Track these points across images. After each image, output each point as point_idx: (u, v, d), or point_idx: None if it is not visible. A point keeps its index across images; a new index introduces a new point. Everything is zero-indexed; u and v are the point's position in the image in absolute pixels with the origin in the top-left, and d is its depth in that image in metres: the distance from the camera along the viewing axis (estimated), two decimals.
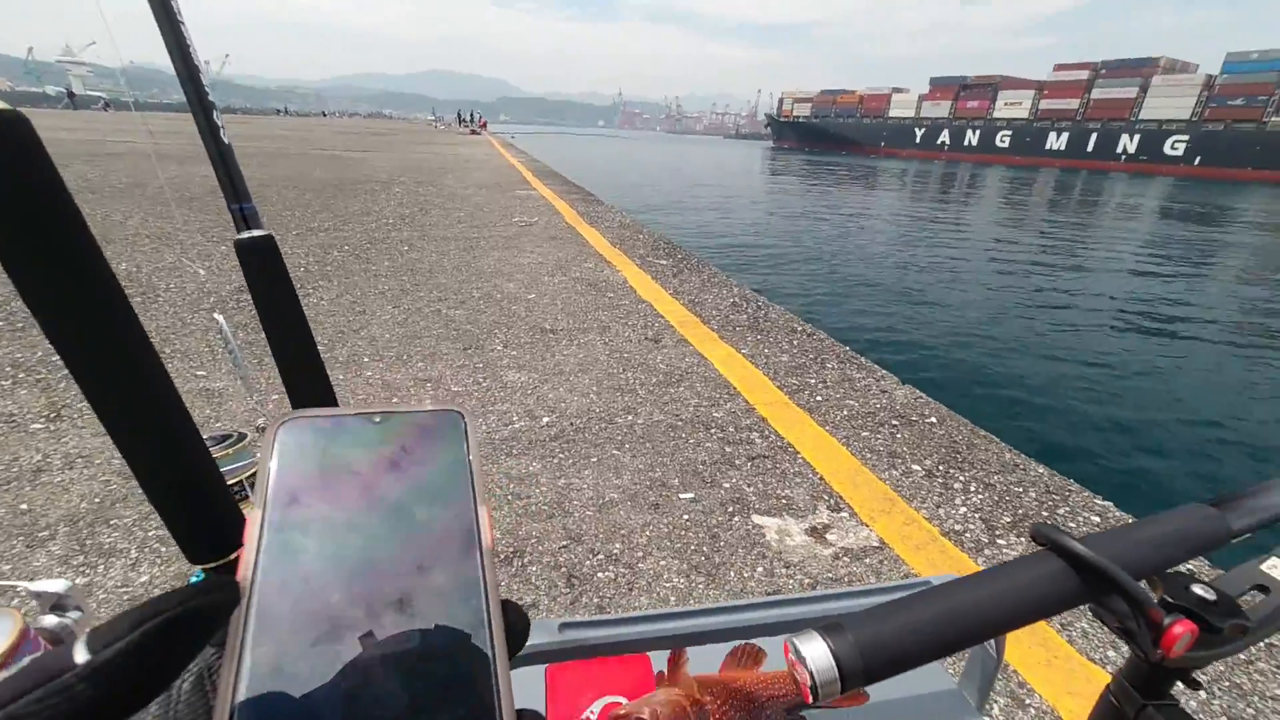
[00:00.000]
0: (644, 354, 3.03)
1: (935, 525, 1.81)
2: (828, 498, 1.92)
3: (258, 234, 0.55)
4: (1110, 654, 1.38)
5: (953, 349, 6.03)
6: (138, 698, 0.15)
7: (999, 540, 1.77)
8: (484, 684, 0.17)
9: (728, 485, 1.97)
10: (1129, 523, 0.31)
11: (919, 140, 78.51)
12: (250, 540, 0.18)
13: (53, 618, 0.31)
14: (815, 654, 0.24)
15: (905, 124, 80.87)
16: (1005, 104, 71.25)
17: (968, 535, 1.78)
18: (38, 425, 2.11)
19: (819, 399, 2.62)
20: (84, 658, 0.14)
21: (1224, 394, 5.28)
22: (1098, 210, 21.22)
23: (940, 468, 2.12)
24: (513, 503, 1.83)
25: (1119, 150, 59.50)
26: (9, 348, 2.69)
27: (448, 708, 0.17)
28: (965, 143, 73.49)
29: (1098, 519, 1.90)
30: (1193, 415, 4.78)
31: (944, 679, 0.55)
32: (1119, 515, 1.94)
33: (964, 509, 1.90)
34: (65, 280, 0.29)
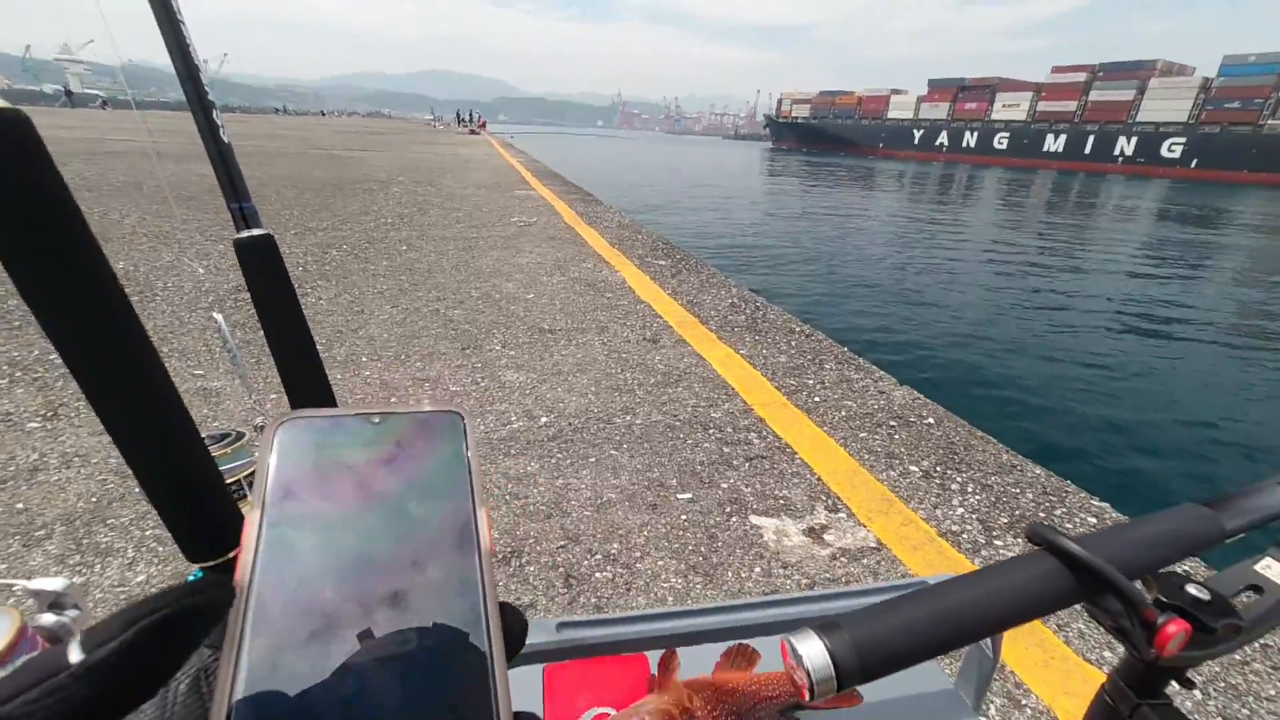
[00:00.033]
0: (642, 354, 3.03)
1: (933, 526, 1.81)
2: (825, 498, 1.92)
3: (257, 233, 0.55)
4: (1106, 654, 1.38)
5: (951, 350, 6.04)
6: (133, 697, 0.15)
7: (996, 541, 1.77)
8: (481, 686, 0.17)
9: (726, 485, 1.97)
10: (1123, 522, 0.31)
11: (917, 142, 78.62)
12: (248, 541, 0.18)
13: (51, 615, 0.31)
14: (812, 652, 0.24)
15: (904, 125, 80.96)
16: (1003, 106, 71.39)
17: (965, 536, 1.78)
18: (34, 424, 2.10)
19: (817, 399, 2.62)
20: (78, 657, 0.14)
21: (1219, 395, 5.30)
22: (1095, 212, 21.27)
23: (938, 468, 2.13)
24: (511, 502, 1.83)
25: (1116, 152, 59.64)
26: (5, 346, 2.69)
27: (445, 710, 0.17)
28: (963, 144, 73.61)
29: (1094, 520, 1.90)
30: (1189, 416, 4.80)
31: (940, 679, 0.56)
32: (1116, 516, 1.95)
33: (961, 510, 1.90)
34: (66, 279, 0.29)
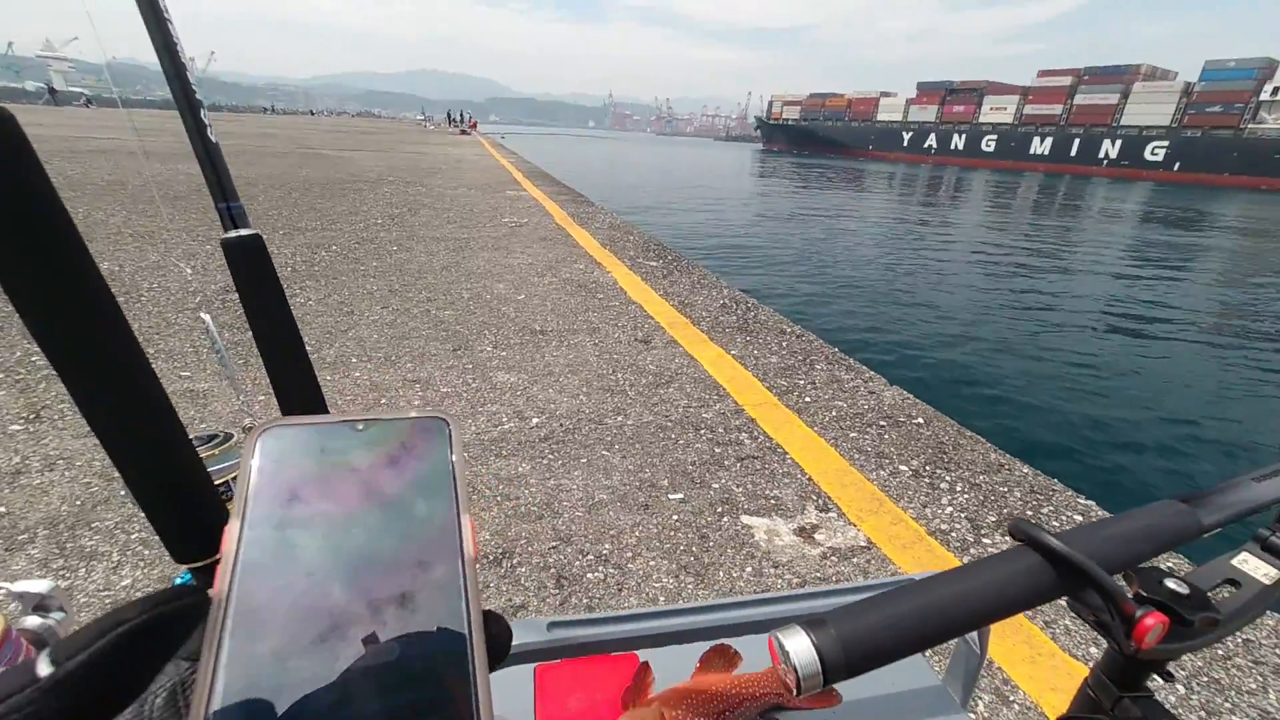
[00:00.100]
0: (634, 355, 3.03)
1: (922, 525, 1.83)
2: (816, 498, 1.93)
3: (245, 233, 0.54)
4: (1092, 650, 1.40)
5: (940, 349, 6.09)
6: (106, 709, 0.15)
7: (984, 539, 1.79)
8: (463, 696, 0.17)
9: (717, 486, 1.97)
10: (1104, 518, 0.32)
11: (906, 144, 79.32)
12: (227, 551, 0.18)
13: (35, 618, 0.31)
14: (798, 648, 0.25)
15: (893, 127, 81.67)
16: (990, 109, 72.22)
17: (954, 534, 1.80)
18: (16, 426, 2.07)
19: (808, 400, 2.63)
20: (48, 670, 0.14)
21: (1200, 393, 5.39)
22: (1081, 214, 21.54)
23: (927, 468, 2.15)
24: (502, 504, 1.83)
25: (1101, 155, 60.50)
26: None
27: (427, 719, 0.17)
28: (952, 146, 74.36)
29: (1080, 518, 1.93)
30: (1171, 414, 4.88)
31: (929, 675, 0.56)
32: (1101, 514, 1.97)
33: (950, 508, 1.92)
34: (51, 279, 0.29)
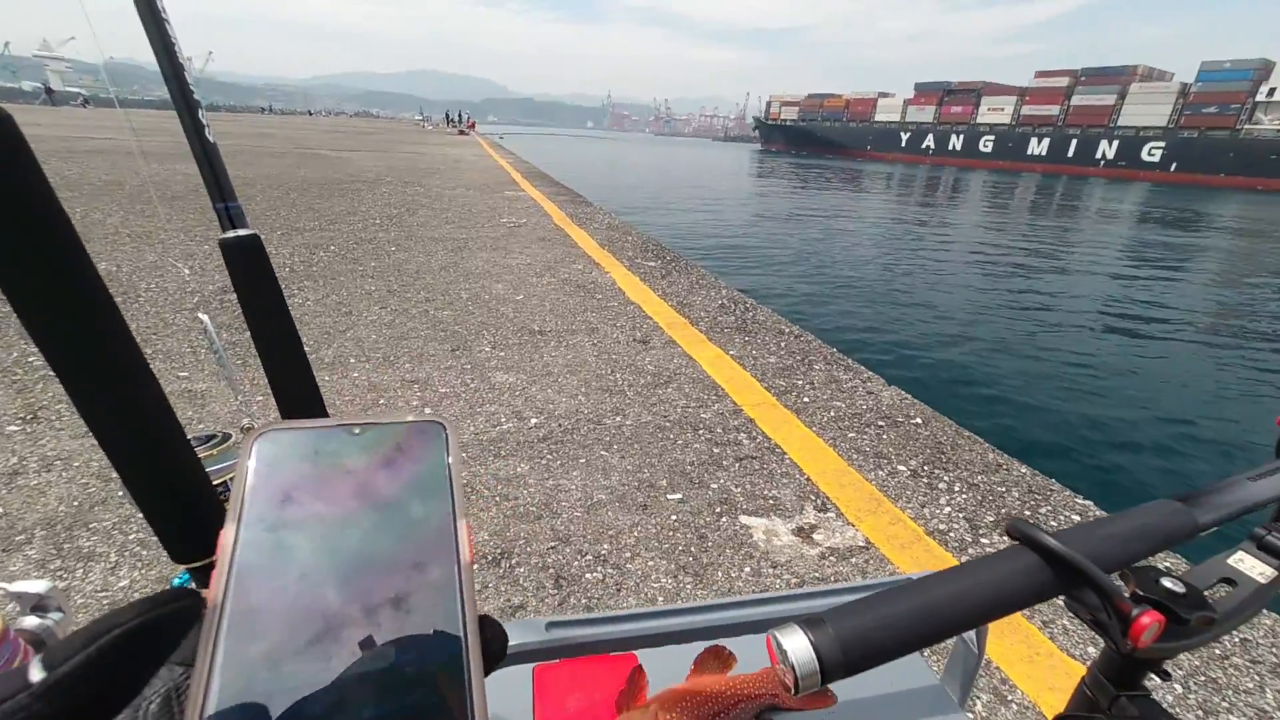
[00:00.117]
0: (632, 355, 3.04)
1: (920, 525, 1.83)
2: (815, 498, 1.93)
3: (243, 233, 0.54)
4: (1090, 650, 1.40)
5: (938, 349, 6.10)
6: (99, 714, 0.15)
7: (983, 539, 1.79)
8: (458, 701, 0.17)
9: (715, 486, 1.97)
10: (1100, 518, 0.32)
11: (904, 144, 79.43)
12: (222, 556, 0.18)
13: (33, 619, 0.31)
14: (796, 647, 0.25)
15: (891, 128, 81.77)
16: (988, 109, 72.37)
17: (952, 534, 1.80)
18: (13, 427, 2.06)
19: (806, 400, 2.64)
20: (39, 675, 0.14)
21: (1197, 393, 5.40)
22: (1078, 215, 21.59)
23: (925, 468, 2.15)
24: (500, 504, 1.82)
25: (1098, 156, 60.65)
26: None
27: None
28: (950, 147, 74.48)
29: (1078, 517, 1.93)
30: (1168, 414, 4.89)
31: (927, 675, 0.56)
32: (1099, 513, 1.98)
33: (948, 508, 1.93)
34: (49, 279, 0.29)
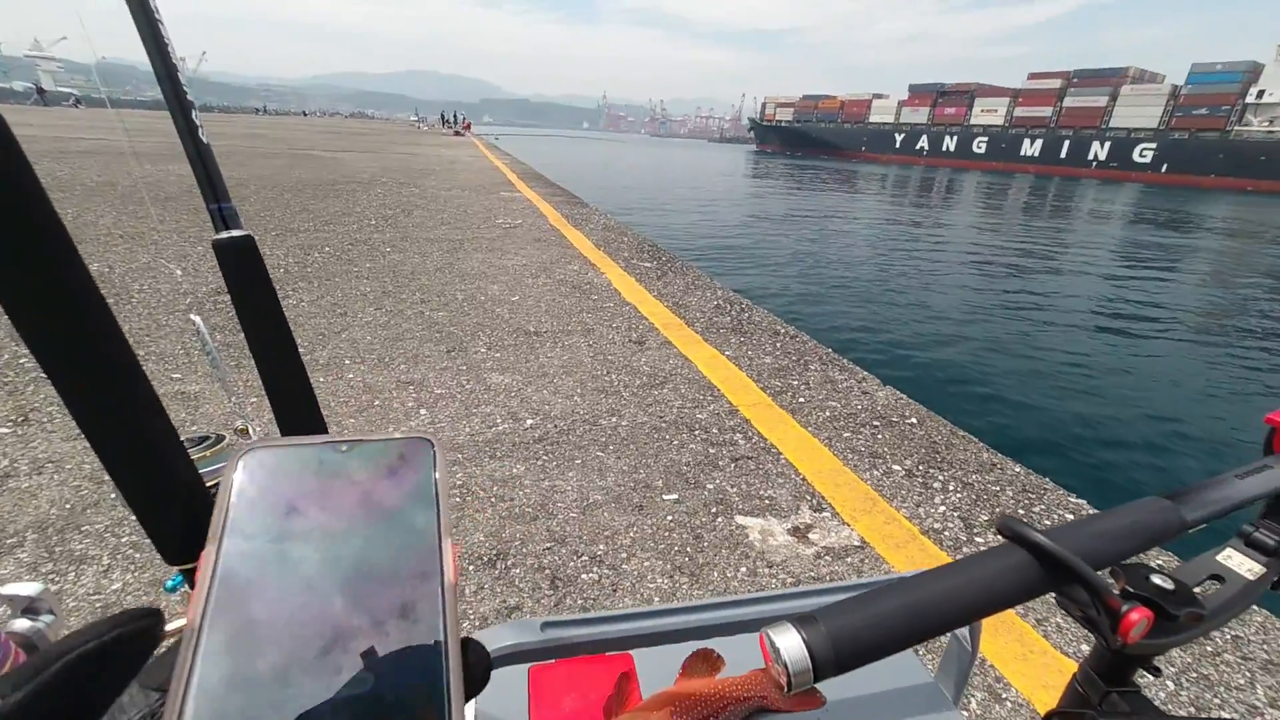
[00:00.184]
0: (628, 356, 3.04)
1: (915, 524, 1.84)
2: (810, 498, 1.94)
3: (237, 234, 0.54)
4: (1083, 648, 1.41)
5: (932, 349, 6.13)
6: None
7: (977, 538, 1.80)
8: None
9: (711, 486, 1.98)
10: (1090, 515, 0.32)
11: (899, 145, 79.76)
12: (202, 578, 0.18)
13: (24, 621, 0.31)
14: (789, 645, 0.25)
15: (885, 129, 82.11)
16: (981, 111, 72.76)
17: (947, 533, 1.81)
18: (4, 430, 2.04)
19: (802, 400, 2.64)
20: None
21: (1189, 392, 5.45)
22: (1071, 215, 21.73)
23: (920, 467, 2.16)
24: (496, 505, 1.82)
25: (1090, 157, 61.05)
26: None
27: None
28: (943, 148, 74.84)
29: (1071, 516, 1.94)
30: (1160, 412, 4.93)
31: (921, 673, 0.56)
32: (1091, 512, 1.99)
33: (943, 508, 1.93)
34: (40, 280, 0.29)
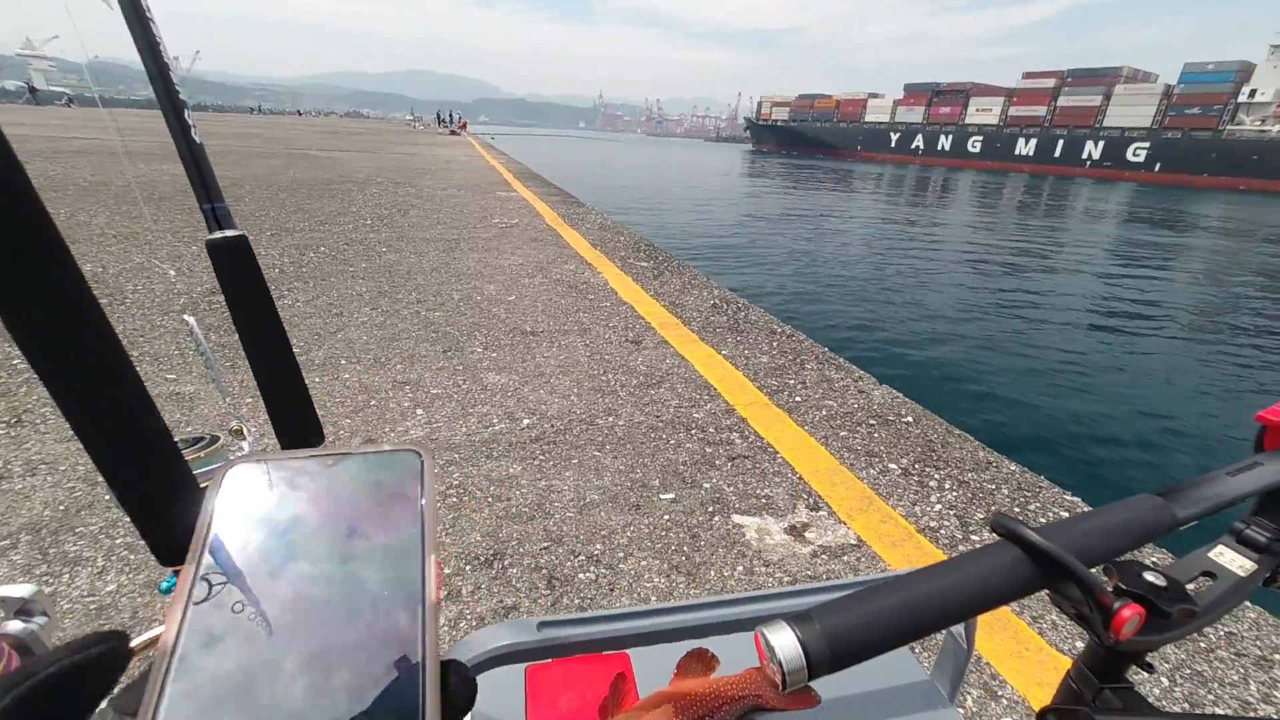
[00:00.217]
0: (625, 356, 3.04)
1: (911, 522, 1.85)
2: (807, 497, 1.94)
3: (231, 234, 0.54)
4: (1078, 644, 1.42)
5: (928, 348, 6.15)
6: None
7: (973, 536, 1.81)
8: None
9: (708, 485, 1.98)
10: (1083, 512, 0.33)
11: (894, 145, 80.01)
12: (178, 599, 0.17)
13: (17, 623, 0.30)
14: (783, 643, 0.25)
15: (880, 128, 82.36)
16: (976, 110, 73.05)
17: (943, 531, 1.81)
18: None
19: (798, 399, 2.65)
20: None
21: (1182, 390, 5.49)
22: (1065, 214, 21.83)
23: (916, 466, 2.16)
24: (493, 505, 1.82)
25: (1084, 156, 61.37)
26: None
27: None
28: (939, 147, 75.10)
29: (1066, 514, 1.95)
30: (1154, 410, 4.96)
31: (917, 671, 0.57)
32: (1086, 510, 2.00)
33: (939, 506, 1.94)
34: (32, 281, 0.29)
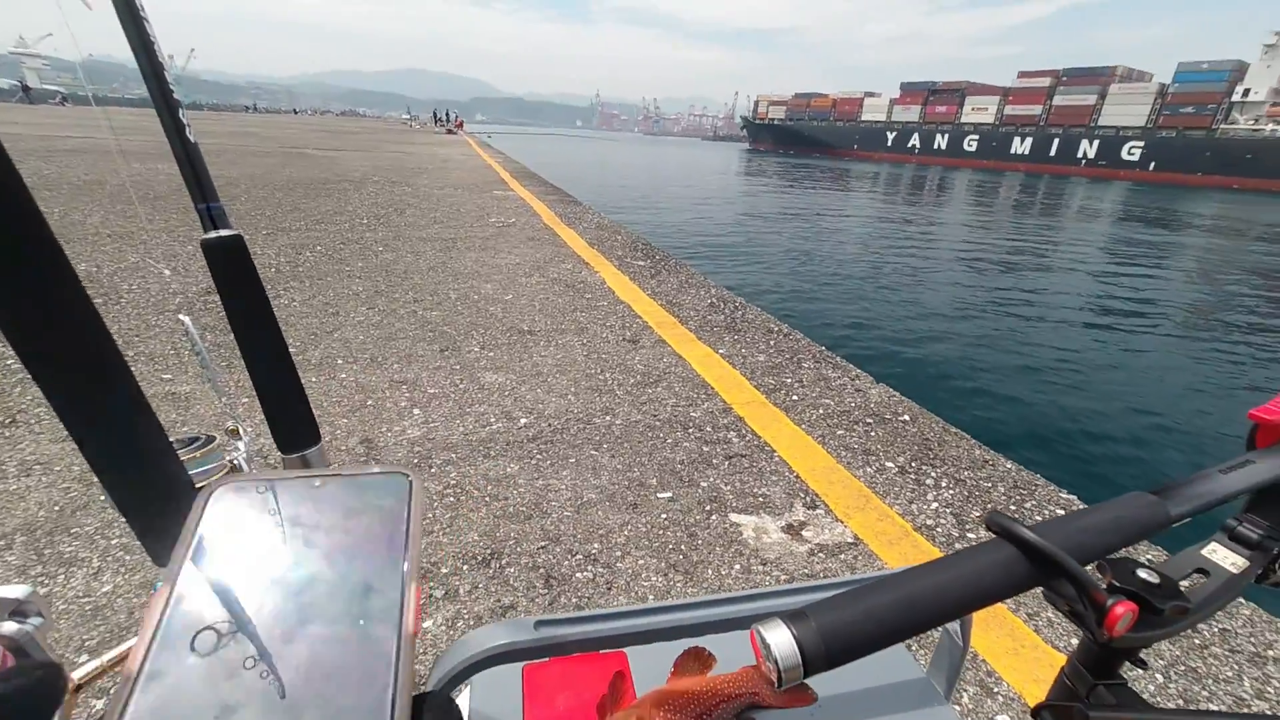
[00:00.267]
0: (622, 355, 3.04)
1: (908, 521, 1.85)
2: (804, 495, 1.95)
3: (226, 233, 0.54)
4: (1073, 642, 1.42)
5: (925, 346, 6.17)
6: None
7: (970, 534, 1.81)
8: None
9: (705, 484, 1.98)
10: (1076, 510, 0.33)
11: (890, 144, 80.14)
12: (149, 621, 0.17)
13: (12, 624, 0.30)
14: (779, 640, 0.25)
15: (877, 127, 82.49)
16: (972, 109, 73.23)
17: (939, 529, 1.82)
18: None
19: (795, 398, 2.65)
20: None
21: (1176, 387, 5.51)
22: (1061, 213, 21.90)
23: (913, 464, 2.17)
24: (490, 504, 1.82)
25: (1080, 155, 61.57)
26: None
27: None
28: (935, 146, 75.26)
29: (1062, 511, 1.96)
30: (1148, 408, 4.98)
31: (914, 668, 0.57)
32: (1081, 508, 2.01)
33: (936, 504, 1.95)
34: (26, 281, 0.28)
